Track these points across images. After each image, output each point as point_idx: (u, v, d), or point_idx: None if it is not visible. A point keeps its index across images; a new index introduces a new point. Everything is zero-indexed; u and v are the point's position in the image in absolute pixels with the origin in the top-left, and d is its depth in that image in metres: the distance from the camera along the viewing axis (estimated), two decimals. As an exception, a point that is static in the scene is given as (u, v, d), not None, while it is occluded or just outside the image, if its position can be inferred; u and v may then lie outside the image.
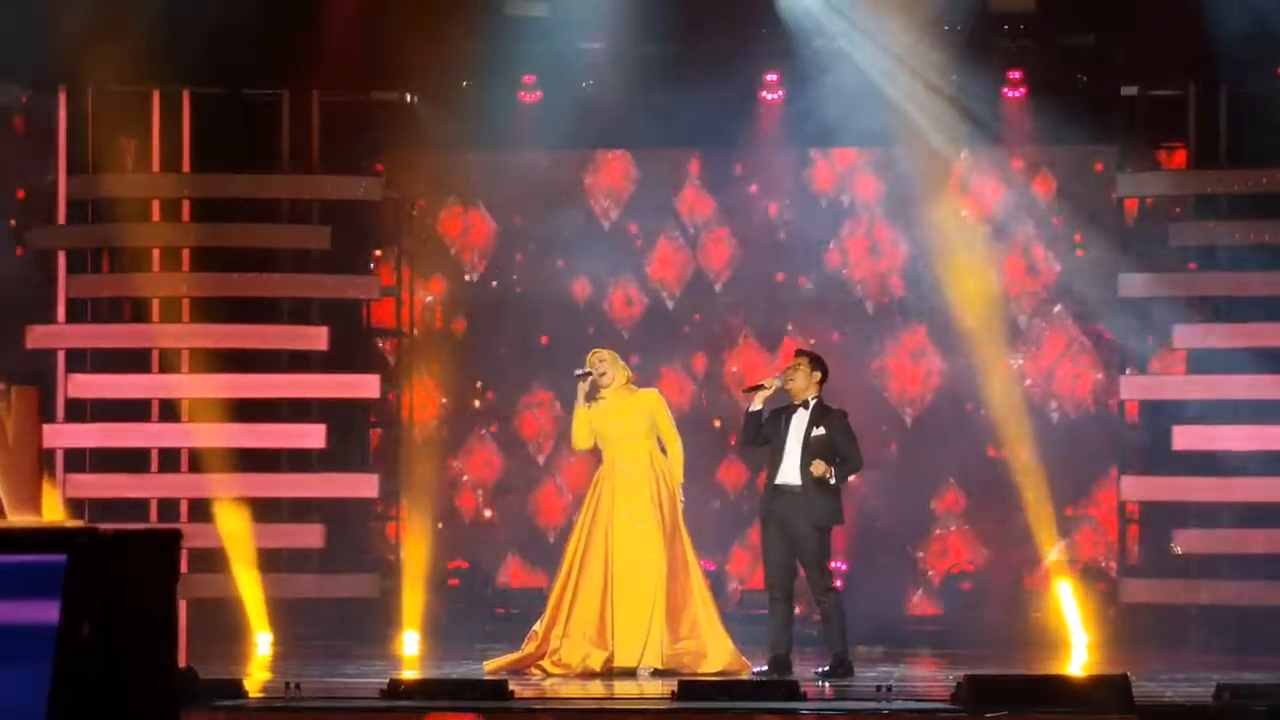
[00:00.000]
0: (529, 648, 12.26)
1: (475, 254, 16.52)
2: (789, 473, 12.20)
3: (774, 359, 15.65)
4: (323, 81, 15.70)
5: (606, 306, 16.55)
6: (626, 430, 12.37)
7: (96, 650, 5.58)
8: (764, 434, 12.33)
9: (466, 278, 16.68)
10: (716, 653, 12.19)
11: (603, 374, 12.35)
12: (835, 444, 12.17)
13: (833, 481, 12.09)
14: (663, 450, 12.44)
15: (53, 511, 8.98)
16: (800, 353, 12.52)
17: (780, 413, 12.37)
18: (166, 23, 14.62)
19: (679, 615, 12.23)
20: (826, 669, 12.11)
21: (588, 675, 12.02)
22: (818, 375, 12.34)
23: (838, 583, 12.62)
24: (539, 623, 12.32)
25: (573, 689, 11.51)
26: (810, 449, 12.15)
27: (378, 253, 16.44)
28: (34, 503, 6.42)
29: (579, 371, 12.38)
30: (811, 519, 12.11)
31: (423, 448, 16.36)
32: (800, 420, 12.25)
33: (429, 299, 16.49)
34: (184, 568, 14.82)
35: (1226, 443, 14.80)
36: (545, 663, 12.16)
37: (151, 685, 5.62)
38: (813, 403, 12.29)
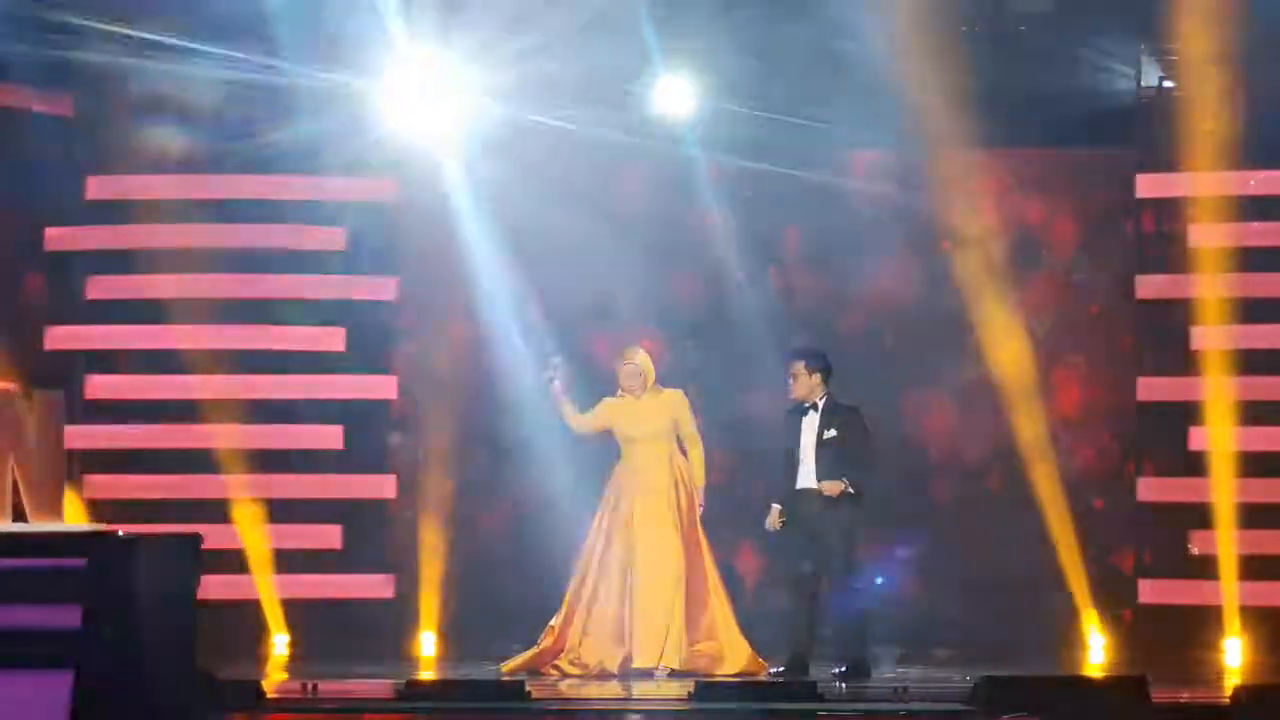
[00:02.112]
0: (546, 642, 12.30)
1: (487, 253, 16.45)
2: (806, 477, 12.22)
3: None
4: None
5: (617, 310, 16.49)
6: (650, 429, 12.40)
7: (118, 653, 5.59)
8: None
9: (479, 277, 16.61)
10: (734, 655, 12.21)
11: (627, 379, 12.37)
12: (848, 444, 12.17)
13: (851, 492, 12.11)
14: (682, 451, 12.46)
15: (74, 515, 8.96)
16: (794, 356, 12.47)
17: (794, 414, 12.37)
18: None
19: (697, 617, 12.25)
20: (844, 670, 12.13)
21: (605, 676, 12.04)
22: (816, 376, 12.32)
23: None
24: (556, 617, 12.35)
25: (590, 689, 11.54)
26: (823, 452, 12.17)
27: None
28: (55, 507, 6.43)
29: (548, 375, 12.42)
30: (834, 521, 12.13)
31: (439, 448, 16.36)
32: (811, 422, 12.27)
33: (443, 298, 16.46)
34: (202, 569, 14.84)
35: (1244, 444, 14.81)
36: (562, 662, 12.19)
37: (173, 688, 5.63)
38: (822, 403, 12.28)
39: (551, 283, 16.07)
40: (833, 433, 12.18)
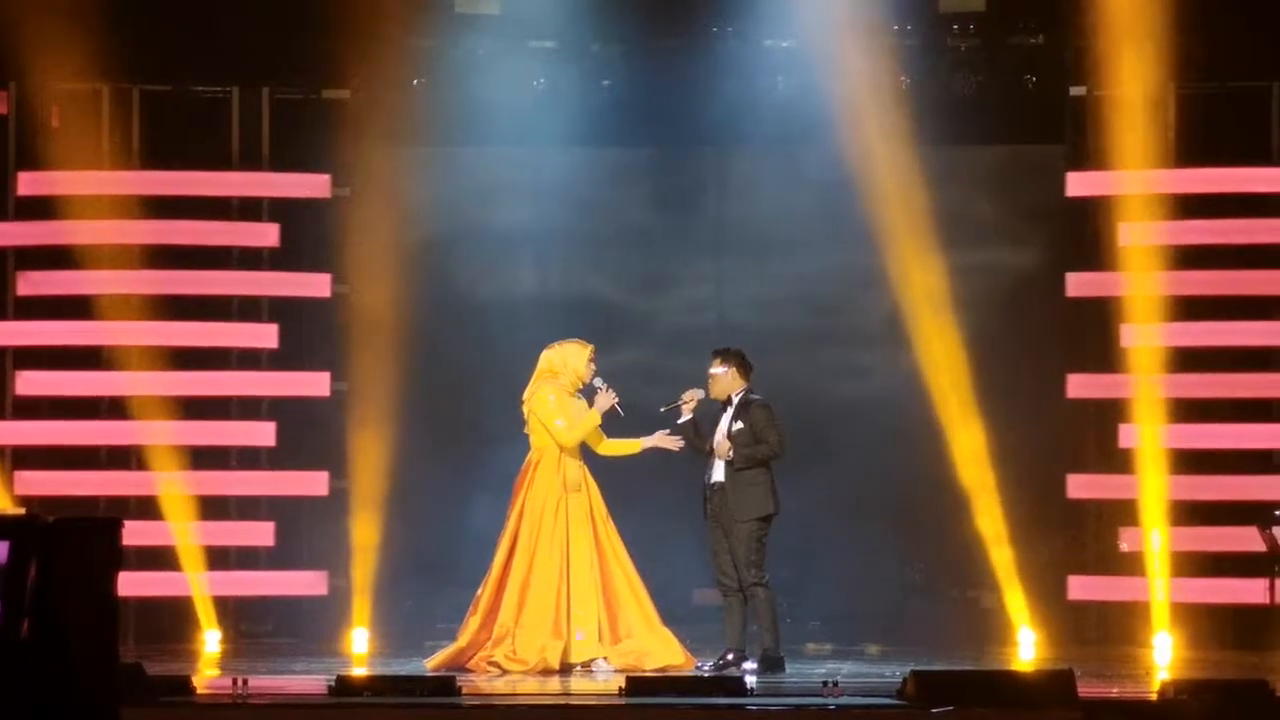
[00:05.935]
0: (463, 640, 12.33)
1: (425, 252, 16.43)
2: (717, 471, 12.40)
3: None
4: (273, 79, 15.77)
5: (555, 306, 16.51)
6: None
7: (37, 640, 5.55)
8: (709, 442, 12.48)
9: (415, 276, 16.61)
10: (659, 649, 12.27)
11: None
12: (755, 434, 12.32)
13: (731, 460, 12.19)
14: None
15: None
16: (713, 355, 12.61)
17: (717, 412, 12.55)
18: (116, 19, 14.66)
19: (615, 618, 12.33)
20: (755, 666, 12.22)
21: (548, 672, 12.07)
22: (731, 370, 12.45)
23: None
24: (471, 615, 12.38)
25: (520, 685, 11.55)
26: (732, 445, 12.31)
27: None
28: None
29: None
30: (739, 512, 12.27)
31: (372, 444, 16.33)
32: (725, 418, 12.44)
33: (376, 297, 16.45)
34: (134, 566, 14.84)
35: (1173, 441, 14.92)
36: (499, 657, 12.20)
37: (92, 674, 5.60)
38: (736, 398, 12.45)
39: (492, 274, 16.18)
40: (740, 425, 12.35)
